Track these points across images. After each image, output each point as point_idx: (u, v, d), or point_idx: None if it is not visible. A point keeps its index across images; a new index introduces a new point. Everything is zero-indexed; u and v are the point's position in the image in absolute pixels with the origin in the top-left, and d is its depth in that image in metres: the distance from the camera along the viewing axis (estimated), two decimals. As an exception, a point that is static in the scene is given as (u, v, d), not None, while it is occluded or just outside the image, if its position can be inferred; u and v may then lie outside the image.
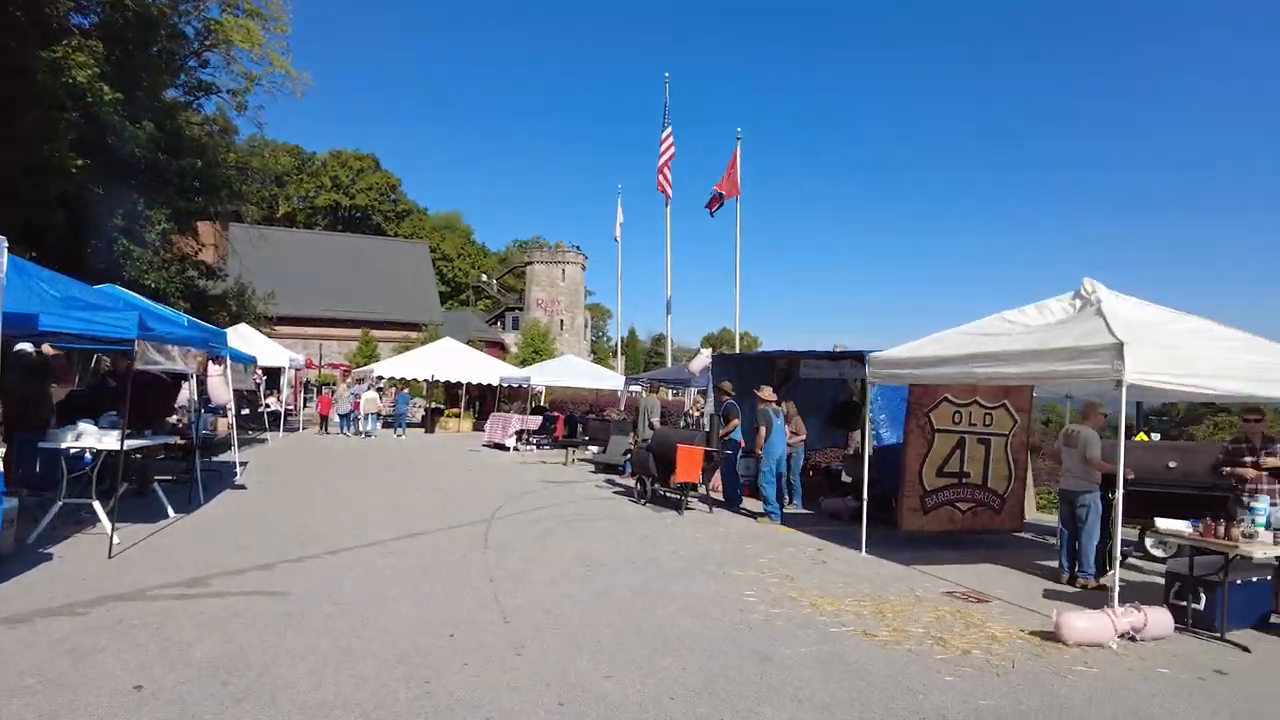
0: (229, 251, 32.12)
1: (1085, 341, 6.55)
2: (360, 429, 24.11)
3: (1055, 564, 8.65)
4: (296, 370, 28.37)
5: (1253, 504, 6.94)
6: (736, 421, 11.23)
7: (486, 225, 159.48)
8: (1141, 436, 17.12)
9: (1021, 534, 10.28)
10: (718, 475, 11.90)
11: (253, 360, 19.04)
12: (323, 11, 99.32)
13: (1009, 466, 9.83)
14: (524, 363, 38.04)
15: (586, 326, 76.95)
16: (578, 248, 72.48)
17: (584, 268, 73.06)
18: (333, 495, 11.33)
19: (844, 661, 5.17)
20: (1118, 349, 6.16)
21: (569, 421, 22.56)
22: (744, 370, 14.21)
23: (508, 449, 20.20)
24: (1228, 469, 8.00)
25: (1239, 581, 6.55)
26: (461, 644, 5.10)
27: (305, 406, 32.31)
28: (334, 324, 47.81)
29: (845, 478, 14.66)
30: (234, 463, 12.62)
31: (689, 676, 4.73)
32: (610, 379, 22.54)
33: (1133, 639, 5.94)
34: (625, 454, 15.39)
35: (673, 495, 11.55)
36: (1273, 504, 7.79)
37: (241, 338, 21.58)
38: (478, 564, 7.33)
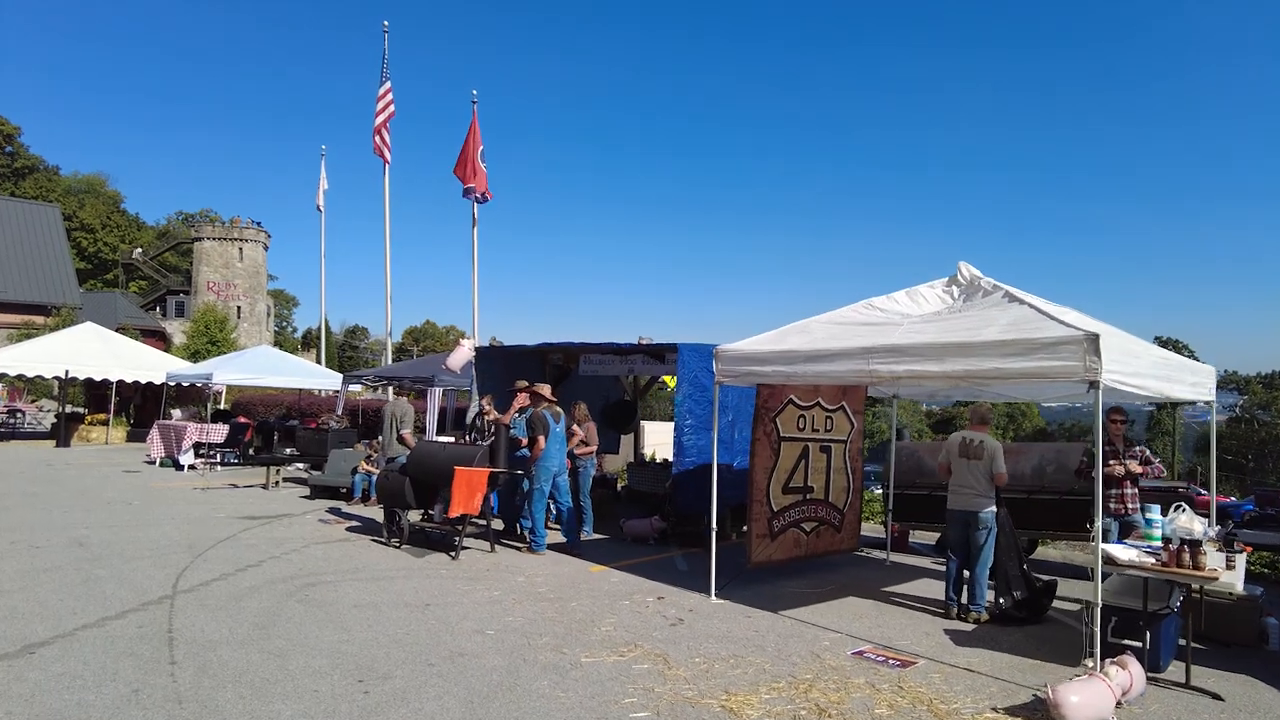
0: None
1: (1041, 333, 5.23)
2: None
3: (914, 587, 7.56)
4: None
5: (1149, 516, 6.22)
6: (542, 438, 8.78)
7: (141, 193, 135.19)
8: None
9: (857, 551, 9.14)
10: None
11: None
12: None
13: (848, 477, 8.61)
14: (196, 355, 31.49)
15: (269, 315, 68.01)
16: (258, 224, 63.69)
17: (266, 247, 64.38)
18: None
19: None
20: (1092, 342, 4.89)
21: (262, 430, 18.23)
22: (512, 367, 11.78)
23: (182, 468, 15.57)
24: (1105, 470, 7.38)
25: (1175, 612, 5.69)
26: None
27: None
28: (-88, 303, 36.42)
29: (621, 486, 12.92)
30: None
31: None
32: (324, 377, 18.57)
33: (1118, 704, 4.68)
34: (353, 473, 12.15)
35: (436, 530, 8.81)
36: (1133, 509, 7.34)
37: None
38: (163, 706, 4.18)
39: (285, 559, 7.91)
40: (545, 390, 9.04)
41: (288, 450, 15.89)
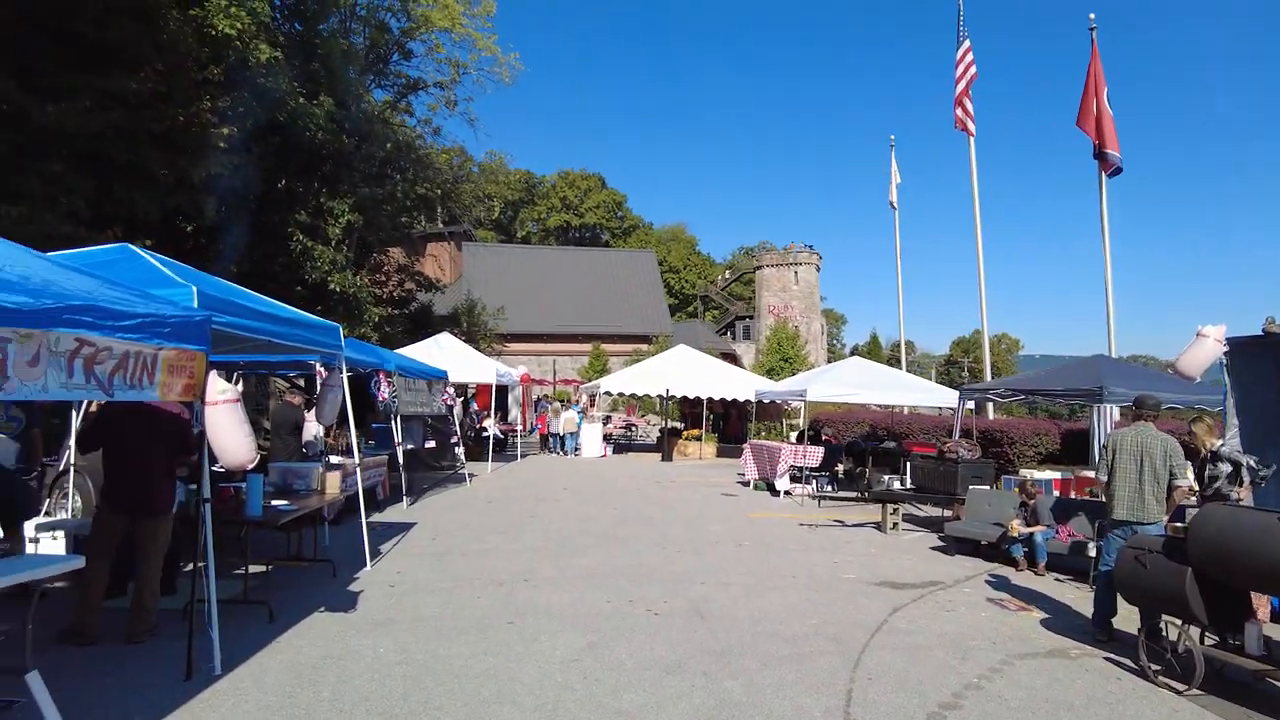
0: (460, 271, 30.27)
1: None
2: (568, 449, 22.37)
3: None
4: (517, 388, 24.44)
5: None
6: None
7: (711, 235, 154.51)
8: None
9: None
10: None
11: (440, 375, 14.48)
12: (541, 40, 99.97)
13: None
14: (771, 372, 31.80)
15: (822, 333, 69.21)
16: (810, 247, 65.27)
17: (818, 268, 65.58)
18: (491, 637, 5.81)
19: None
20: None
21: (851, 452, 15.95)
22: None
23: (778, 494, 14.02)
24: None
25: None
26: None
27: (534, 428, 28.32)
28: (566, 339, 45.01)
29: None
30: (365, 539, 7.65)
31: None
32: (930, 392, 15.59)
33: None
34: (1007, 536, 8.59)
35: (1252, 672, 4.75)
36: None
37: (440, 348, 17.43)
38: None
39: (997, 697, 4.73)
40: None
41: (888, 478, 13.20)
